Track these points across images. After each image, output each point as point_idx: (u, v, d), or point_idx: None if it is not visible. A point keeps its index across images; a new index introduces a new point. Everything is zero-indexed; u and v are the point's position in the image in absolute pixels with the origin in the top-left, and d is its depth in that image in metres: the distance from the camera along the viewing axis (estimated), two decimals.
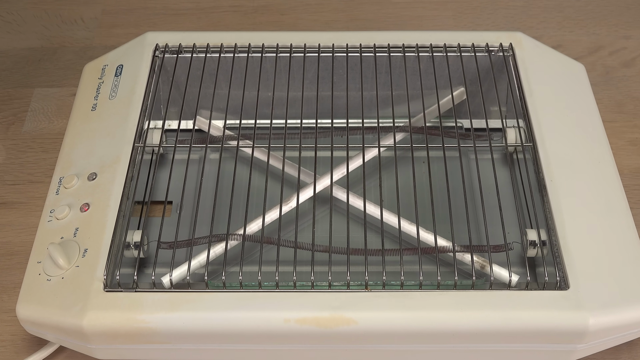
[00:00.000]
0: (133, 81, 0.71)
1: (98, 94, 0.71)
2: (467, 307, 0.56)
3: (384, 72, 0.74)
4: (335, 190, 0.68)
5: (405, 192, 0.67)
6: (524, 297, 0.56)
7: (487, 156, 0.70)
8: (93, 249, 0.59)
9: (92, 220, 0.61)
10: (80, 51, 0.91)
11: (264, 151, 0.71)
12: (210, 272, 0.64)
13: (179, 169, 0.67)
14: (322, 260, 0.61)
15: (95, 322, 0.56)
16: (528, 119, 0.68)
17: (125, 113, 0.68)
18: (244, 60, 0.73)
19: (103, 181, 0.64)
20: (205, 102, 0.73)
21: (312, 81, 0.73)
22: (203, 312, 0.56)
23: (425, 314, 0.56)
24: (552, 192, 0.62)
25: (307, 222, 0.69)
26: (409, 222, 0.65)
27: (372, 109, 0.72)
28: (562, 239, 0.59)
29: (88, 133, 0.68)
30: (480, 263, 0.62)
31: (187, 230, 0.68)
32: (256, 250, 0.67)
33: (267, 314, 0.56)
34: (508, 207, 0.67)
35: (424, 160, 0.72)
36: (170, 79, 0.73)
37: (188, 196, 0.70)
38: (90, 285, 0.57)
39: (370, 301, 0.56)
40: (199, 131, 0.74)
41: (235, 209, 0.66)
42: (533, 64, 0.72)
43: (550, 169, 0.64)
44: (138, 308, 0.56)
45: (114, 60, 0.74)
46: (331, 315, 0.56)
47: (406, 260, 0.62)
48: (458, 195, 0.66)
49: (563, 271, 0.58)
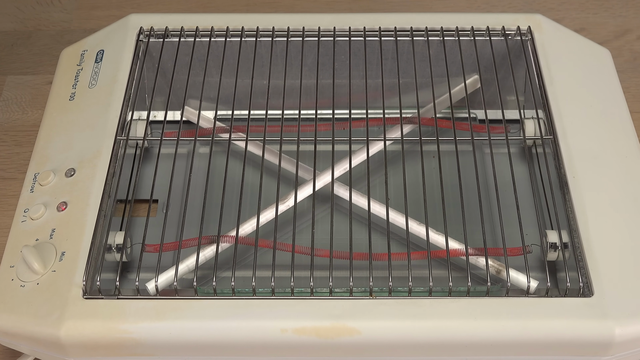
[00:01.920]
0: (115, 68, 0.71)
1: (76, 82, 0.71)
2: (481, 316, 0.56)
3: (390, 58, 0.74)
4: (337, 188, 0.67)
5: (414, 190, 0.67)
6: (544, 305, 0.56)
7: (503, 150, 0.70)
8: (71, 252, 0.59)
9: (70, 221, 0.61)
10: (57, 35, 0.91)
11: (258, 145, 0.71)
12: (200, 277, 0.64)
13: (166, 165, 0.67)
14: (323, 265, 0.60)
15: (73, 332, 0.56)
16: (548, 109, 0.68)
17: (107, 103, 0.68)
18: (237, 45, 0.73)
19: (82, 178, 0.64)
20: (195, 91, 0.73)
21: (312, 68, 0.73)
22: (192, 321, 0.56)
23: (435, 323, 0.56)
24: (574, 189, 0.62)
25: (306, 223, 0.69)
26: (417, 222, 0.65)
27: (377, 99, 0.72)
28: (585, 241, 0.59)
29: (65, 125, 0.68)
30: (495, 267, 0.62)
31: (174, 231, 0.68)
32: (250, 254, 0.67)
33: (262, 324, 0.56)
34: (526, 206, 0.67)
35: (434, 155, 0.72)
36: (155, 66, 0.73)
37: (175, 194, 0.70)
38: (68, 291, 0.57)
39: (375, 309, 0.56)
40: (188, 123, 0.74)
41: (227, 208, 0.66)
42: (554, 49, 0.72)
43: (573, 164, 0.64)
44: (120, 317, 0.56)
45: (94, 45, 0.74)
46: (332, 324, 0.56)
47: (414, 264, 0.62)
48: (471, 193, 0.66)
49: (587, 276, 0.58)
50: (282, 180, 0.66)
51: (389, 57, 0.74)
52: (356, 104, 0.71)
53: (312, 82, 0.72)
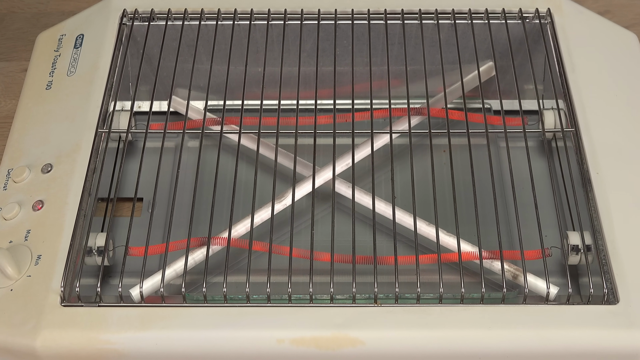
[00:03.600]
0: (96, 54, 0.71)
1: (54, 70, 0.71)
2: (496, 325, 0.56)
3: (397, 43, 0.74)
4: (338, 185, 0.67)
5: (422, 187, 0.67)
6: (565, 313, 0.56)
7: (520, 144, 0.70)
8: (48, 255, 0.59)
9: (47, 221, 0.61)
10: (33, 18, 0.91)
11: (252, 138, 0.71)
12: (189, 282, 0.64)
13: (151, 160, 0.67)
14: (323, 269, 0.60)
15: (50, 343, 0.56)
16: (569, 99, 0.68)
17: (87, 92, 0.68)
18: (229, 29, 0.73)
19: (60, 174, 0.64)
20: (183, 79, 0.73)
21: (311, 54, 0.73)
22: (180, 330, 0.56)
23: (446, 333, 0.56)
24: (598, 186, 0.62)
25: (305, 223, 0.69)
26: (426, 223, 0.65)
27: (382, 88, 0.72)
28: (610, 243, 0.59)
29: (42, 116, 0.68)
30: (512, 272, 0.62)
31: (160, 232, 0.68)
32: (244, 257, 0.67)
33: (256, 334, 0.56)
34: (545, 205, 0.67)
35: (445, 149, 0.72)
36: (140, 52, 0.73)
37: (162, 192, 0.70)
38: (45, 298, 0.57)
39: (380, 318, 0.56)
40: (175, 114, 0.74)
41: (219, 207, 0.66)
42: (575, 34, 0.72)
43: (596, 159, 0.64)
44: (102, 326, 0.56)
45: (73, 28, 0.74)
46: (333, 334, 0.56)
47: (423, 268, 0.62)
48: (485, 190, 0.66)
49: (611, 282, 0.58)
50: (278, 176, 0.66)
51: (396, 42, 0.74)
52: (360, 93, 0.71)
53: (311, 69, 0.72)
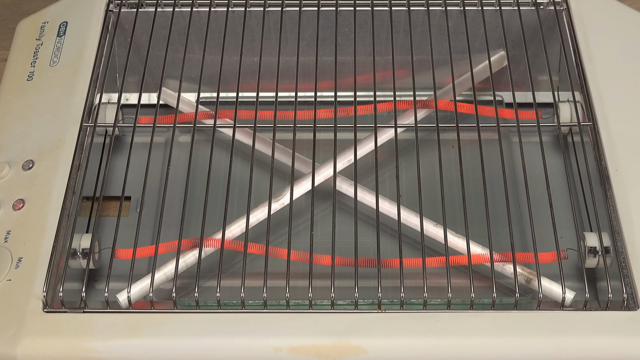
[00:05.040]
0: (80, 43, 0.71)
1: (36, 60, 0.71)
2: (508, 333, 0.56)
3: (402, 31, 0.74)
4: (340, 183, 0.67)
5: (430, 185, 0.67)
6: (582, 320, 0.56)
7: (534, 139, 0.70)
8: (29, 257, 0.59)
9: (28, 221, 0.61)
10: (13, 4, 0.91)
11: (248, 132, 0.71)
12: (180, 287, 0.64)
13: (140, 156, 0.67)
14: (323, 273, 0.60)
15: (32, 352, 0.55)
16: (587, 91, 0.68)
17: (71, 84, 0.68)
18: (223, 16, 0.73)
19: (42, 171, 0.63)
20: (174, 69, 0.73)
21: (311, 43, 0.73)
22: (170, 338, 0.56)
23: (454, 341, 0.56)
24: (617, 184, 0.62)
25: (304, 224, 0.69)
26: (434, 223, 0.65)
27: (386, 79, 0.72)
28: (630, 245, 0.59)
29: (23, 109, 0.68)
30: (525, 276, 0.62)
31: (149, 233, 0.68)
32: (238, 260, 0.67)
33: (252, 342, 0.56)
34: (561, 204, 0.67)
35: (454, 144, 0.72)
36: (128, 40, 0.73)
37: (151, 190, 0.70)
38: (26, 304, 0.57)
39: (384, 325, 0.56)
40: (166, 107, 0.74)
41: (212, 206, 0.66)
42: (593, 21, 0.72)
43: (615, 154, 0.64)
44: (87, 333, 0.56)
45: (56, 15, 0.74)
46: (334, 342, 0.56)
47: (430, 272, 0.62)
48: (497, 188, 0.66)
49: (631, 286, 0.58)
50: (275, 173, 0.66)
51: (401, 30, 0.74)
52: (362, 85, 0.71)
53: (311, 59, 0.72)
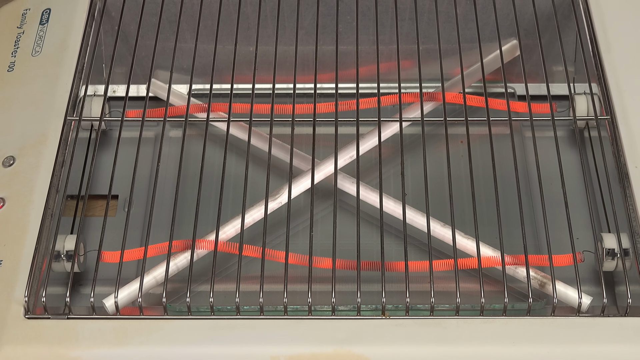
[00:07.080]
0: (65, 31, 0.71)
1: (17, 49, 0.71)
2: (521, 340, 0.56)
3: (408, 18, 0.74)
4: (341, 181, 0.67)
5: (437, 183, 0.67)
6: (599, 327, 0.56)
7: (548, 133, 0.70)
8: (9, 260, 0.59)
9: (9, 222, 0.61)
10: None
11: (243, 127, 0.71)
12: (171, 292, 0.64)
13: (128, 151, 0.67)
14: (323, 277, 0.60)
15: None
16: (604, 82, 0.68)
17: (54, 75, 0.68)
18: (216, 2, 0.73)
19: (23, 168, 0.64)
20: (164, 59, 0.73)
21: (310, 31, 0.73)
22: (160, 346, 0.56)
23: (463, 349, 0.56)
24: (637, 182, 0.62)
25: (303, 224, 0.69)
26: (441, 223, 0.65)
27: (391, 70, 0.72)
28: None
29: (3, 102, 0.68)
30: (538, 280, 0.62)
31: (138, 234, 0.68)
32: (233, 263, 0.67)
33: (248, 350, 0.56)
34: (577, 203, 0.67)
35: (463, 139, 0.72)
36: (115, 29, 0.73)
37: (140, 188, 0.70)
38: (6, 309, 0.57)
39: (388, 332, 0.56)
40: (155, 99, 0.74)
41: (205, 205, 0.66)
42: (611, 8, 0.72)
43: (635, 150, 0.64)
44: (71, 341, 0.56)
45: (39, 2, 0.74)
46: (335, 351, 0.56)
47: (437, 276, 0.62)
48: (509, 186, 0.66)
49: None
50: (273, 171, 0.66)
51: (406, 17, 0.74)
52: (365, 76, 0.71)
53: (310, 48, 0.72)
